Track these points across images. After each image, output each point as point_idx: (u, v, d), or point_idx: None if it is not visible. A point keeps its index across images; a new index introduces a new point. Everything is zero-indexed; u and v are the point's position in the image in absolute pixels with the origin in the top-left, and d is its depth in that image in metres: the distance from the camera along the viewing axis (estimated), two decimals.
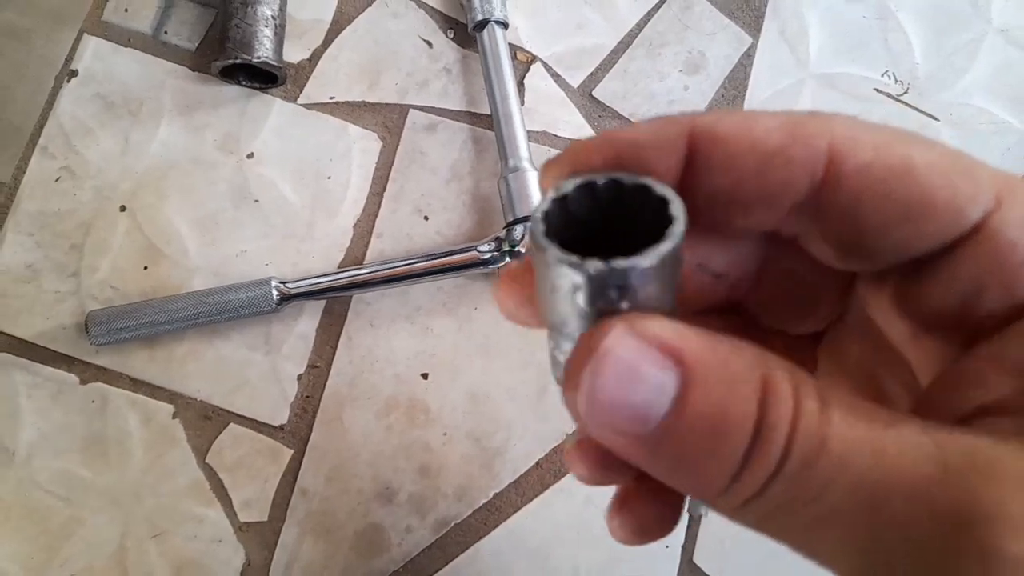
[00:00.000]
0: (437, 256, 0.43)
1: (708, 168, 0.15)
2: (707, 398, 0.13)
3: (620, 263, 0.13)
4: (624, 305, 0.14)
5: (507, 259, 0.42)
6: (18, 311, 0.44)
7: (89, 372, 0.43)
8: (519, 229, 0.41)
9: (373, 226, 0.45)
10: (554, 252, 0.14)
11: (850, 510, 0.13)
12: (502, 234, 0.42)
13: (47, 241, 0.44)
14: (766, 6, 0.49)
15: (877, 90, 0.48)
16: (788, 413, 0.13)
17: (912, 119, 0.48)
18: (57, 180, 0.45)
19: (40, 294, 0.44)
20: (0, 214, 0.45)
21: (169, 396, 0.43)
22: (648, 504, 0.18)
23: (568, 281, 0.14)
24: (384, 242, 0.45)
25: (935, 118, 0.48)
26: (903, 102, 0.48)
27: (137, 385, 0.43)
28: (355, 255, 0.45)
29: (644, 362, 0.13)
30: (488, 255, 0.42)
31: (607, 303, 0.14)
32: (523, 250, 0.41)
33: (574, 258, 0.14)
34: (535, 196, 0.42)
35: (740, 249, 0.18)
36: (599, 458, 0.18)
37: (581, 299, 0.14)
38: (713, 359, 0.13)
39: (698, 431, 0.13)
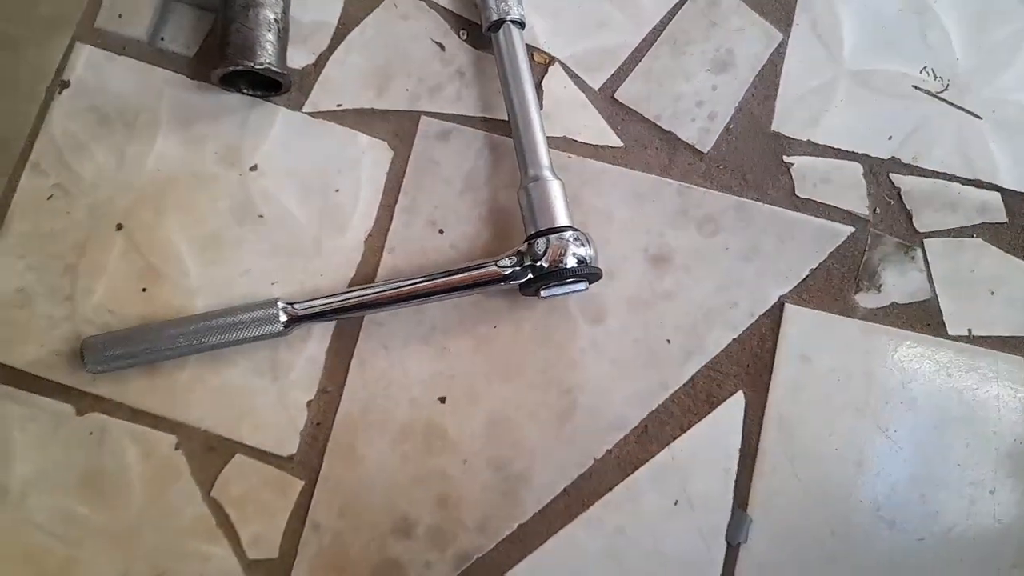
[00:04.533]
0: (455, 272, 0.40)
1: None
2: None
3: None
4: None
5: (529, 274, 0.39)
6: (10, 339, 0.41)
7: (86, 402, 0.41)
8: (541, 242, 0.39)
9: (385, 241, 0.43)
10: None
11: None
12: (523, 248, 0.39)
13: (39, 263, 0.42)
14: (797, 0, 0.46)
15: (916, 87, 0.45)
16: None
17: (953, 118, 0.45)
18: (50, 198, 0.43)
19: (33, 320, 0.41)
20: None
21: (171, 426, 0.41)
22: None
23: None
24: (397, 257, 0.43)
25: (978, 116, 0.45)
26: (943, 100, 0.45)
27: (137, 415, 0.41)
28: (367, 272, 0.43)
29: None
30: (509, 270, 0.39)
31: None
32: (545, 264, 0.39)
33: None
34: (558, 207, 0.40)
35: None
36: None
37: None
38: None
39: None
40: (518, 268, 0.39)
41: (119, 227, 0.42)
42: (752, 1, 0.46)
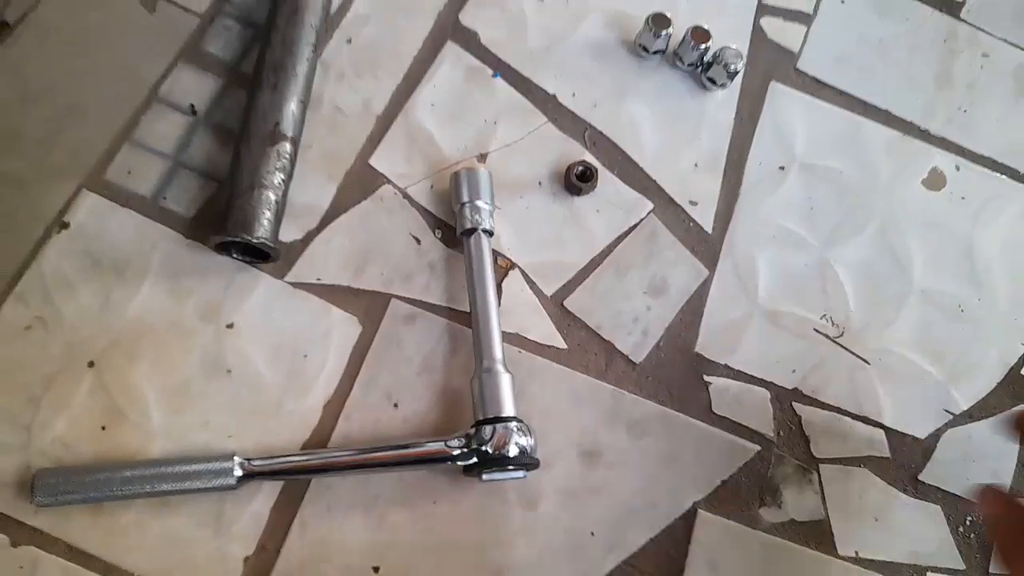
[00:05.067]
0: (406, 446, 0.43)
1: None
2: None
3: None
4: None
5: (474, 457, 0.43)
6: None
7: (23, 533, 0.41)
8: (488, 429, 0.43)
9: (342, 408, 0.46)
10: None
11: None
12: (471, 431, 0.43)
13: (4, 390, 0.43)
14: (722, 244, 0.54)
15: (816, 330, 0.53)
16: None
17: (847, 360, 0.52)
18: (27, 328, 0.45)
19: None
20: None
21: (104, 568, 0.41)
22: None
23: None
24: (351, 424, 0.46)
25: (867, 361, 0.53)
26: (839, 344, 0.53)
27: (73, 553, 0.41)
28: (322, 435, 0.45)
29: None
30: (457, 451, 0.43)
31: None
32: (489, 450, 0.42)
33: None
34: (505, 398, 0.44)
35: None
36: None
37: None
38: None
39: None
40: (465, 450, 0.43)
41: (90, 365, 0.45)
42: (685, 240, 0.53)
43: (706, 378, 0.51)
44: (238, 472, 0.41)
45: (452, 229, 0.50)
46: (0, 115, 0.49)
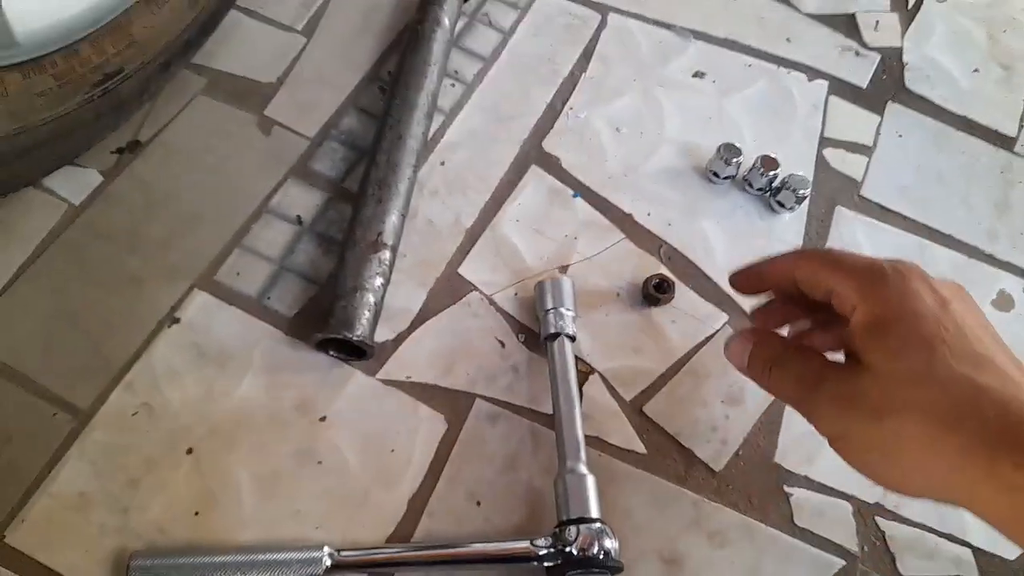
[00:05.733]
0: (492, 543, 0.44)
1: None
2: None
3: None
4: None
5: (559, 559, 0.43)
6: (59, 541, 0.43)
7: None
8: (573, 530, 0.43)
9: (426, 503, 0.47)
10: None
11: None
12: (556, 531, 0.43)
13: (106, 472, 0.45)
14: None
15: None
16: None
17: None
18: (134, 415, 0.47)
19: (86, 526, 0.44)
20: (69, 439, 0.46)
21: None
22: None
23: None
24: (434, 520, 0.46)
25: None
26: None
27: None
28: (406, 529, 0.46)
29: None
30: (543, 551, 0.43)
31: None
32: (574, 551, 0.43)
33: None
34: (590, 499, 0.44)
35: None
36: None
37: None
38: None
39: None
40: (550, 550, 0.43)
41: (189, 451, 0.46)
42: None
43: (787, 489, 0.50)
44: (327, 562, 0.42)
45: (535, 334, 0.53)
46: (127, 219, 0.53)
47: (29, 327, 0.49)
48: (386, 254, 0.51)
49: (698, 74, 0.66)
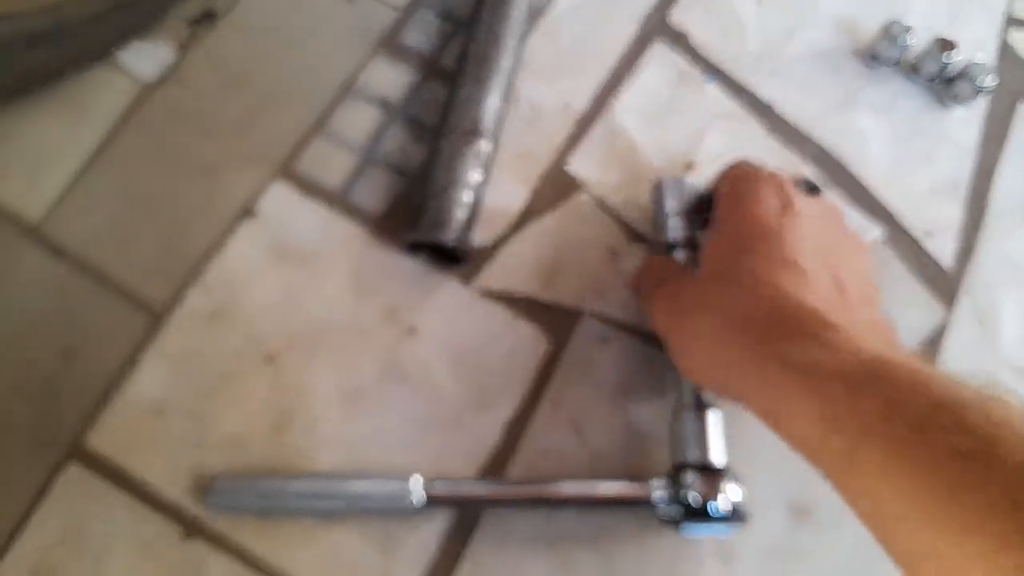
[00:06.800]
0: (606, 482, 0.39)
1: None
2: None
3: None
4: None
5: (678, 507, 0.37)
6: (139, 447, 0.40)
7: (195, 529, 0.39)
8: (694, 476, 0.37)
9: (524, 430, 0.42)
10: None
11: None
12: (676, 476, 0.38)
13: (183, 380, 0.42)
14: (961, 284, 0.47)
15: None
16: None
17: None
18: (210, 318, 0.43)
19: (165, 433, 0.41)
20: (145, 340, 0.43)
21: (272, 574, 0.38)
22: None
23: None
24: (532, 449, 0.42)
25: None
26: None
27: (241, 555, 0.39)
28: (501, 457, 0.41)
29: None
30: (661, 497, 0.38)
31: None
32: (696, 502, 0.37)
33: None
34: (715, 443, 0.39)
35: None
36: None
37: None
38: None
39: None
40: (670, 498, 0.38)
41: (269, 361, 0.42)
42: (919, 274, 0.47)
43: None
44: (420, 496, 0.38)
45: (654, 244, 0.46)
46: (199, 100, 0.48)
47: (100, 217, 0.45)
48: (485, 144, 0.44)
49: None
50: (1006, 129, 0.51)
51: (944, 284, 0.47)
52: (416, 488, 0.38)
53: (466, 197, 0.43)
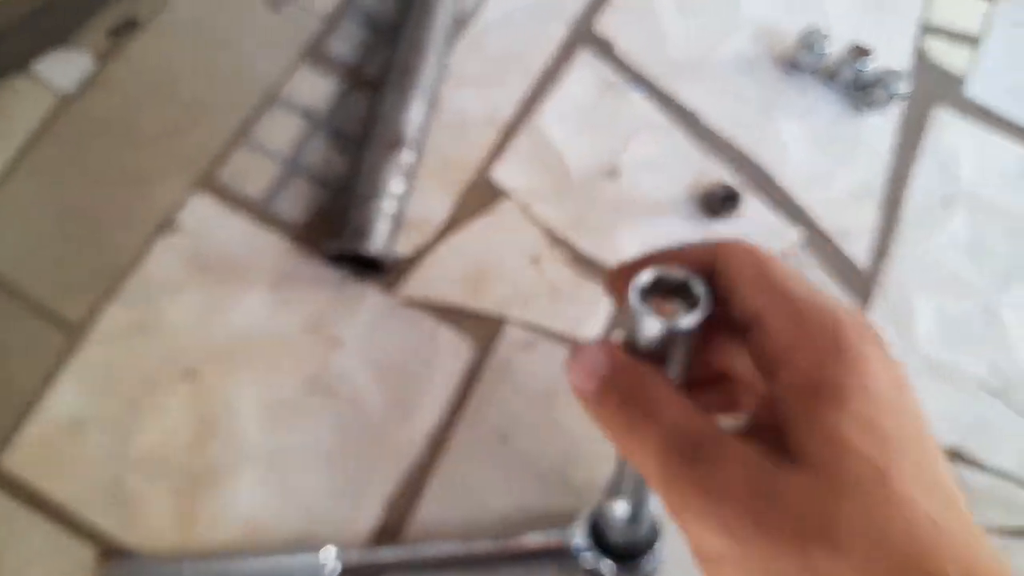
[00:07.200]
0: (525, 536, 0.39)
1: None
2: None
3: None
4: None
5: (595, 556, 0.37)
6: (57, 466, 0.40)
7: (111, 551, 0.38)
8: (619, 506, 0.37)
9: (447, 439, 0.42)
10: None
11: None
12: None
13: (103, 394, 0.41)
14: (875, 283, 0.48)
15: (981, 385, 0.46)
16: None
17: (1013, 420, 0.46)
18: (130, 333, 0.43)
19: (83, 450, 0.40)
20: (62, 355, 0.42)
21: None
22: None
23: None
24: (457, 459, 0.42)
25: None
26: (1007, 401, 0.46)
27: None
28: (422, 465, 0.42)
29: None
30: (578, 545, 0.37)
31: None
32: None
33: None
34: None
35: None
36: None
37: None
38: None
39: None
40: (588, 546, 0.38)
41: (190, 376, 0.42)
42: (835, 275, 0.48)
43: None
44: (331, 572, 0.37)
45: (576, 251, 0.46)
46: (120, 110, 0.47)
47: (16, 232, 0.44)
48: (407, 154, 0.44)
49: None
50: (919, 134, 0.52)
51: (860, 284, 0.48)
52: (329, 561, 0.37)
53: (388, 207, 0.43)
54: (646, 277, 0.25)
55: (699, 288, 0.25)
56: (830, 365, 0.23)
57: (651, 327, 0.25)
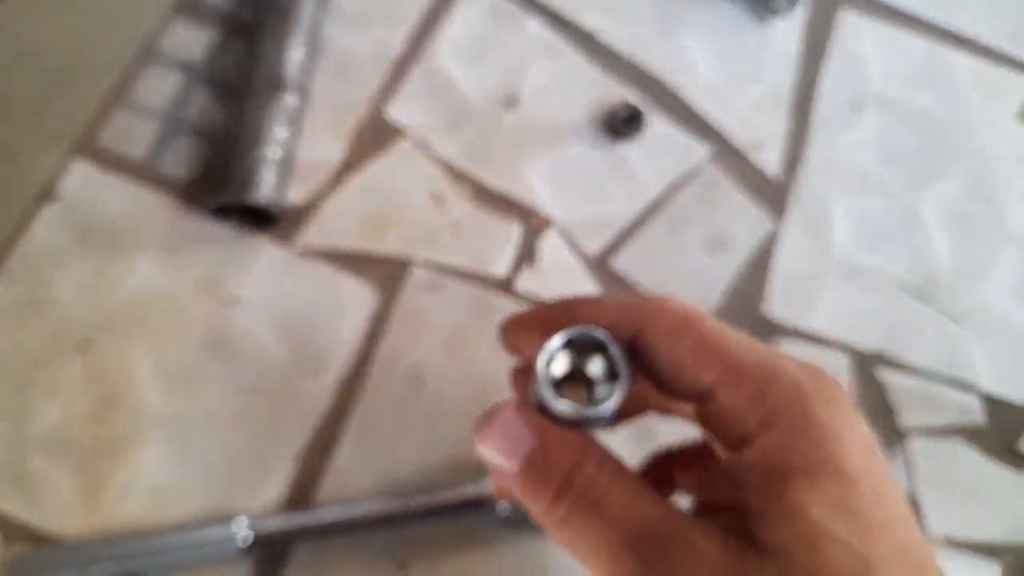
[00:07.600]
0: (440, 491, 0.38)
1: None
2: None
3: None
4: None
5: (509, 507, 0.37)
6: None
7: (17, 537, 0.37)
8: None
9: (357, 389, 0.41)
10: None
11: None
12: None
13: None
14: (790, 192, 0.47)
15: (900, 286, 0.46)
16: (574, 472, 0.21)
17: (934, 319, 0.46)
18: (18, 309, 0.41)
19: None
20: None
21: None
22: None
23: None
24: (371, 407, 0.41)
25: (958, 319, 0.46)
26: (926, 300, 0.46)
27: None
28: (337, 417, 0.40)
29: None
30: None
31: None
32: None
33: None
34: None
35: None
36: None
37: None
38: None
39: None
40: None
41: (84, 348, 0.40)
42: (748, 188, 0.47)
43: (777, 341, 0.44)
44: (244, 541, 0.36)
45: (478, 183, 0.45)
46: None
47: None
48: (290, 98, 0.42)
49: None
50: (826, 37, 0.51)
51: (773, 194, 0.47)
52: (241, 530, 0.36)
53: (273, 154, 0.41)
54: (556, 343, 0.22)
55: (621, 364, 0.22)
56: (797, 443, 0.21)
57: (563, 409, 0.22)
